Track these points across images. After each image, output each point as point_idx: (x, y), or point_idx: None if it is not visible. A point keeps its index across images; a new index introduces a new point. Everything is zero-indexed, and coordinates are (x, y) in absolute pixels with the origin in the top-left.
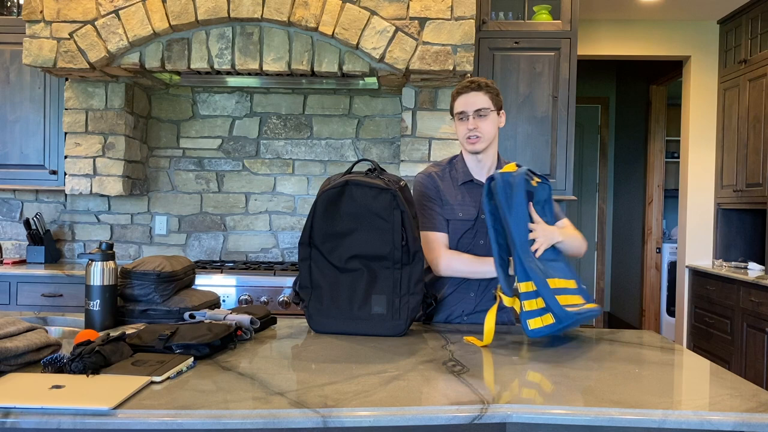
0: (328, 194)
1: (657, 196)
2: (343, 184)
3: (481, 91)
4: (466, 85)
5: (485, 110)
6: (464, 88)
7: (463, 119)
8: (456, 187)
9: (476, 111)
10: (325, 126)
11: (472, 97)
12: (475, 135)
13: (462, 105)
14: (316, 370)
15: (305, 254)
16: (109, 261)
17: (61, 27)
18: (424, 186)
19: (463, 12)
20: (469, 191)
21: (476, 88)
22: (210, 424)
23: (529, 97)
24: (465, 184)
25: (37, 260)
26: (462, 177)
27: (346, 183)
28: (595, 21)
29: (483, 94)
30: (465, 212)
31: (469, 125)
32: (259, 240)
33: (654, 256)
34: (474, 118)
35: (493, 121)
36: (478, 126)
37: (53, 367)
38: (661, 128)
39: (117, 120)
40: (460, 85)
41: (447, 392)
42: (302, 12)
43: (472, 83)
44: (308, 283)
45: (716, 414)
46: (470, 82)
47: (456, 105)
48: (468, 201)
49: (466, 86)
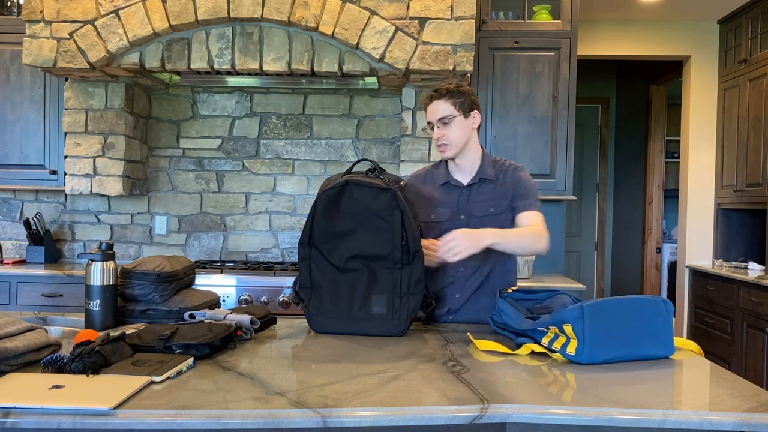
0: (328, 194)
1: (657, 196)
2: (343, 184)
3: (443, 98)
4: (431, 94)
5: (448, 117)
6: (429, 97)
7: (432, 129)
8: (436, 188)
9: (439, 120)
10: (325, 126)
11: (434, 106)
12: (443, 143)
13: (428, 115)
14: (316, 370)
15: (305, 254)
16: (109, 261)
17: (61, 27)
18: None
19: (463, 12)
20: (447, 192)
21: (438, 97)
22: (210, 424)
23: (529, 97)
24: (444, 185)
25: (37, 260)
26: (442, 178)
27: (346, 183)
28: (595, 21)
29: (445, 101)
30: (438, 214)
31: (435, 134)
32: (259, 240)
33: (654, 256)
34: (439, 127)
35: (459, 126)
36: (444, 134)
37: (53, 367)
38: (661, 128)
39: (117, 120)
40: (430, 92)
41: (447, 392)
42: (302, 12)
43: (435, 91)
44: (308, 283)
45: (716, 414)
46: (434, 91)
47: (426, 114)
48: (444, 202)
49: (432, 95)
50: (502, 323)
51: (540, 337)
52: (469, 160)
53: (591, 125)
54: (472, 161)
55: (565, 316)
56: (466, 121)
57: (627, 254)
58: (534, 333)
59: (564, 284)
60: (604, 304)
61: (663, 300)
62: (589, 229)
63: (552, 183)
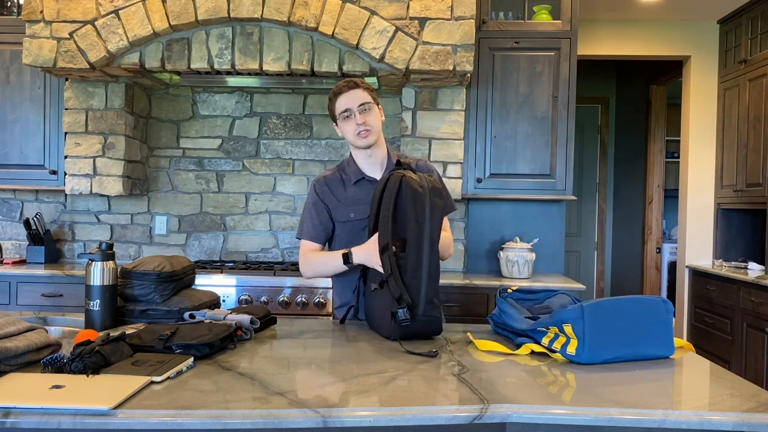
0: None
1: (657, 196)
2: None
3: (359, 88)
4: (342, 86)
5: (368, 104)
6: (342, 88)
7: (348, 117)
8: (348, 187)
9: (360, 106)
10: (325, 126)
11: (353, 94)
12: (364, 128)
13: (345, 103)
14: (316, 370)
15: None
16: (109, 261)
17: (61, 27)
18: (311, 194)
19: (463, 12)
20: (362, 189)
21: (353, 86)
22: (210, 424)
23: (529, 97)
24: (357, 183)
25: (37, 260)
26: (354, 176)
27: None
28: (595, 21)
29: (361, 90)
30: (357, 212)
31: (357, 120)
32: (259, 240)
33: (654, 256)
34: (360, 113)
35: (376, 115)
36: (366, 120)
37: (53, 367)
38: (661, 128)
39: (117, 120)
40: (337, 87)
41: (447, 392)
42: (302, 12)
43: (348, 82)
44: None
45: (716, 414)
46: (346, 82)
47: (338, 106)
48: (361, 200)
49: (342, 86)
50: (502, 323)
51: (540, 337)
52: (381, 153)
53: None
54: (383, 154)
55: (565, 316)
56: (379, 111)
57: (627, 254)
58: (534, 333)
59: (564, 284)
60: (604, 304)
61: (663, 300)
62: (589, 229)
63: (552, 183)
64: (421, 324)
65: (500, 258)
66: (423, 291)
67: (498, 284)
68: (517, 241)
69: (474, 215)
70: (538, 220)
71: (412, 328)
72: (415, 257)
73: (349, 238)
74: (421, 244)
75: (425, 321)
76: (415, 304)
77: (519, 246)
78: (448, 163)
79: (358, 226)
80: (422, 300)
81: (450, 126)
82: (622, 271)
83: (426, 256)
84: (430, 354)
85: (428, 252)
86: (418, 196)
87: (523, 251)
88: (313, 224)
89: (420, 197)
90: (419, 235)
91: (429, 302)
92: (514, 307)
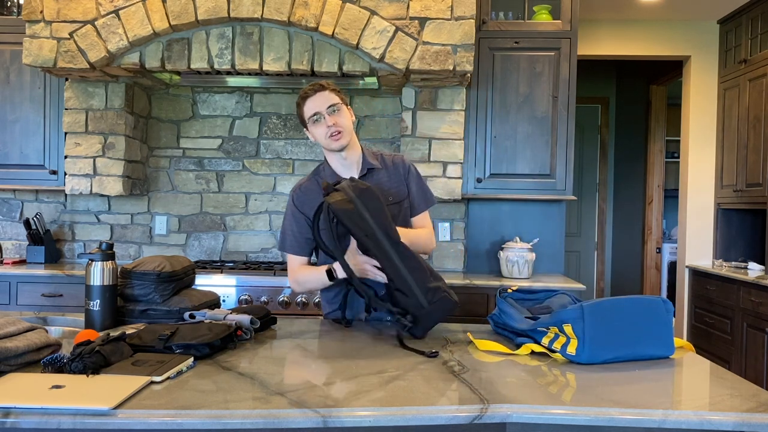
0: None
1: (657, 196)
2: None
3: (326, 90)
4: (308, 89)
5: (336, 105)
6: (308, 92)
7: (318, 120)
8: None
9: (329, 108)
10: None
11: (321, 97)
12: (335, 130)
13: (313, 107)
14: (316, 370)
15: None
16: (109, 261)
17: (61, 27)
18: (289, 205)
19: (463, 12)
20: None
21: (320, 89)
22: (210, 424)
23: (529, 97)
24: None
25: (37, 260)
26: (329, 180)
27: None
28: (595, 21)
29: (329, 92)
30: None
31: (328, 122)
32: (259, 240)
33: (654, 256)
34: (330, 115)
35: (346, 115)
36: (336, 121)
37: (53, 367)
38: (661, 128)
39: (117, 120)
40: (303, 92)
41: (447, 392)
42: (302, 12)
43: (313, 86)
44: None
45: (716, 414)
46: (311, 85)
47: (306, 110)
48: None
49: (309, 90)
50: (502, 323)
51: (540, 337)
52: (356, 154)
53: (591, 125)
54: (357, 154)
55: (565, 316)
56: (348, 112)
57: (627, 254)
58: (534, 333)
59: (564, 284)
60: (604, 304)
61: (663, 300)
62: (589, 229)
63: (552, 183)
64: (435, 312)
65: (500, 258)
66: (414, 286)
67: (498, 284)
68: (517, 241)
69: (474, 215)
70: (538, 220)
71: (432, 319)
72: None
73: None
74: (383, 249)
75: (437, 307)
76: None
77: (519, 246)
78: (448, 163)
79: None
80: (420, 293)
81: (450, 126)
82: (622, 271)
83: (395, 257)
84: (431, 354)
85: (394, 252)
86: (350, 213)
87: (523, 251)
88: (295, 237)
89: (352, 212)
90: (375, 244)
91: (427, 291)
92: (514, 307)
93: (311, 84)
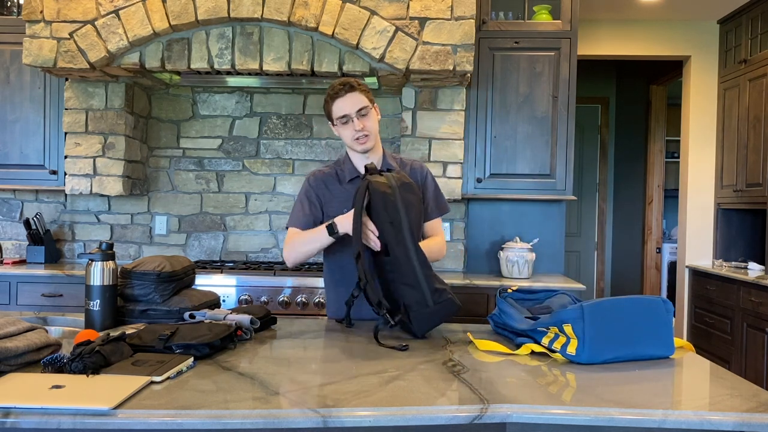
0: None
1: (657, 196)
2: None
3: (356, 91)
4: (339, 88)
5: (366, 109)
6: (338, 91)
7: (347, 122)
8: (343, 184)
9: (358, 111)
10: (325, 126)
11: (351, 98)
12: (363, 134)
13: (342, 108)
14: (316, 370)
15: None
16: (109, 261)
17: (61, 27)
18: (305, 185)
19: (463, 12)
20: (355, 187)
21: (351, 89)
22: (210, 424)
23: (529, 97)
24: (352, 181)
25: (37, 260)
26: (348, 174)
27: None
28: (595, 21)
29: (359, 93)
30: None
31: (356, 126)
32: (259, 240)
33: (654, 256)
34: (358, 119)
35: (374, 118)
36: (365, 125)
37: (53, 367)
38: (661, 128)
39: (117, 120)
40: (333, 89)
41: (447, 392)
42: (302, 12)
43: (344, 85)
44: None
45: (716, 414)
46: (342, 84)
47: (335, 110)
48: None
49: (339, 89)
50: (502, 323)
51: (540, 337)
52: (377, 154)
53: (591, 125)
54: (379, 156)
55: (565, 316)
56: (375, 112)
57: (627, 254)
58: (534, 333)
59: (564, 284)
60: (604, 304)
61: (663, 300)
62: (589, 229)
63: (552, 183)
64: (438, 312)
65: (500, 258)
66: (424, 283)
67: (498, 284)
68: (517, 241)
69: (474, 215)
70: (538, 220)
71: (433, 319)
72: (402, 256)
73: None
74: (404, 241)
75: (440, 308)
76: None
77: (519, 246)
78: (448, 163)
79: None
80: (427, 292)
81: (450, 126)
82: (622, 271)
83: (413, 252)
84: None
85: (413, 247)
86: (387, 197)
87: (523, 251)
88: (304, 213)
89: (390, 198)
90: (398, 234)
91: (434, 291)
92: (514, 307)
93: (341, 81)
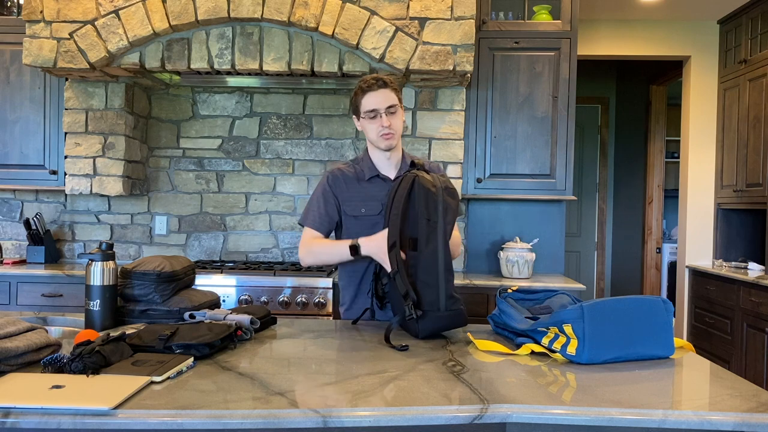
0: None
1: (657, 196)
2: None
3: (388, 88)
4: (372, 83)
5: (395, 107)
6: (371, 85)
7: (375, 117)
8: (362, 182)
9: (388, 108)
10: (325, 126)
11: (383, 94)
12: (389, 132)
13: (373, 103)
14: (316, 370)
15: None
16: (109, 261)
17: (61, 27)
18: (322, 184)
19: (463, 12)
20: (375, 186)
21: (383, 85)
22: (210, 424)
23: (529, 97)
24: (371, 179)
25: (37, 260)
26: (368, 173)
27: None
28: (595, 21)
29: (390, 90)
30: (368, 208)
31: (384, 122)
32: (259, 240)
33: (654, 256)
34: (386, 115)
35: (400, 117)
36: (392, 123)
37: (53, 367)
38: (661, 128)
39: (117, 120)
40: (365, 83)
41: (447, 392)
42: (302, 12)
43: (378, 80)
44: None
45: (716, 414)
46: (376, 80)
47: (365, 103)
48: (372, 196)
49: (372, 83)
50: (502, 323)
51: (540, 337)
52: (398, 154)
53: (591, 125)
54: (399, 155)
55: (565, 317)
56: (402, 112)
57: (627, 254)
58: (534, 333)
59: (564, 284)
60: (604, 304)
61: (663, 300)
62: (589, 229)
63: (552, 183)
64: (446, 319)
65: (500, 258)
66: (443, 287)
67: (498, 284)
68: (517, 241)
69: (474, 215)
70: (538, 220)
71: (439, 324)
72: (430, 255)
73: (359, 233)
74: (436, 241)
75: (449, 315)
76: (437, 300)
77: (519, 246)
78: (448, 163)
79: (369, 222)
80: (443, 296)
81: (450, 126)
82: (622, 271)
83: (441, 253)
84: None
85: (443, 249)
86: (430, 195)
87: (523, 251)
88: (320, 213)
89: (433, 196)
90: (432, 233)
91: (450, 297)
92: (514, 307)
93: (374, 77)
